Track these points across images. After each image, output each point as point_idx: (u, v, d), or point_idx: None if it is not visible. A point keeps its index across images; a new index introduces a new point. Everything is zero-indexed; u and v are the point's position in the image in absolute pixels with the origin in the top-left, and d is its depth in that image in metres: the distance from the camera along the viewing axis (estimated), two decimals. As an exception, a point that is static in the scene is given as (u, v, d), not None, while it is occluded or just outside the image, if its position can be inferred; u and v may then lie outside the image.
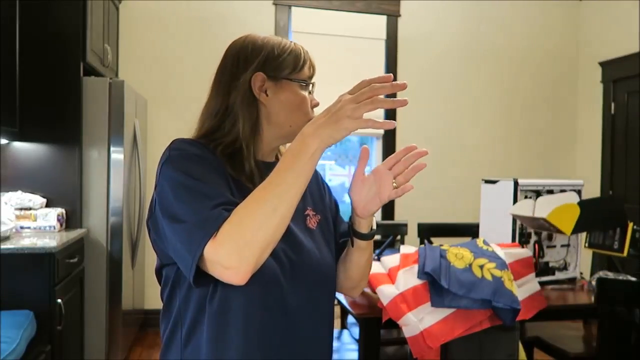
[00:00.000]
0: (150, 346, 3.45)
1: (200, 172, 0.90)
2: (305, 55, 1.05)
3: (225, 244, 0.80)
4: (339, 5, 4.10)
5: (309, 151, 0.83)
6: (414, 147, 1.00)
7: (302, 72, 1.03)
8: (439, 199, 4.30)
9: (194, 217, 0.83)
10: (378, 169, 1.02)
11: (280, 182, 0.83)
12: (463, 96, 4.42)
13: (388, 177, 1.01)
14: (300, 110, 1.02)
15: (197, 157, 0.93)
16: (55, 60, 2.80)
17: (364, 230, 1.07)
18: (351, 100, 0.84)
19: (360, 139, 4.56)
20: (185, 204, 0.86)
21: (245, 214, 0.82)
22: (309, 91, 1.05)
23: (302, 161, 0.83)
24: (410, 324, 1.57)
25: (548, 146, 4.57)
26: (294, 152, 0.84)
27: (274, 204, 0.82)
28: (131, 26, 3.80)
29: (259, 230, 0.81)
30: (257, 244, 0.81)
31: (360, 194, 1.03)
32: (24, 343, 2.07)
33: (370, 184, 1.03)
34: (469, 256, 1.62)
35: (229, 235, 0.81)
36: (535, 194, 2.20)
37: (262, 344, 0.95)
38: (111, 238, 2.91)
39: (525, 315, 1.69)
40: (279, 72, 1.02)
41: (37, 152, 2.81)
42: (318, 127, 0.84)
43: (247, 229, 0.80)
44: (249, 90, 1.01)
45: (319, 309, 1.03)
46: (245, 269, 0.81)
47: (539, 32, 4.56)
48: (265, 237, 0.81)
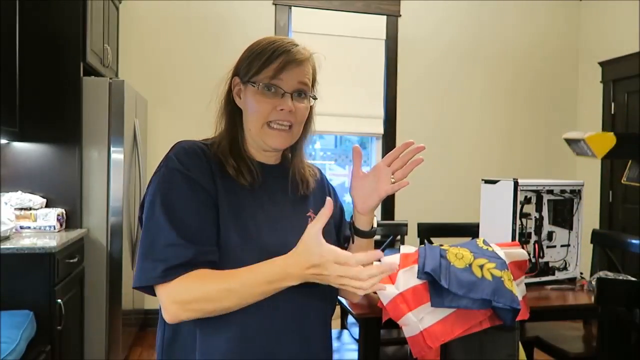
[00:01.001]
0: (150, 346, 3.44)
1: (180, 205, 0.93)
2: (275, 53, 0.99)
3: (176, 296, 0.89)
4: (339, 5, 4.10)
5: (284, 284, 0.89)
6: (411, 143, 1.02)
7: (265, 73, 0.99)
8: (439, 199, 4.30)
9: (151, 251, 0.91)
10: (377, 165, 1.04)
11: (247, 289, 0.89)
12: (463, 96, 4.42)
13: (386, 173, 1.03)
14: (256, 114, 1.00)
15: (184, 179, 0.94)
16: (55, 60, 2.80)
17: (364, 228, 1.08)
18: (338, 277, 0.86)
19: (360, 139, 4.56)
20: (147, 235, 0.92)
21: (206, 292, 0.89)
22: (280, 93, 1.00)
23: (275, 288, 0.89)
24: (410, 324, 1.57)
25: (548, 146, 4.57)
26: (272, 278, 0.88)
27: (231, 303, 0.89)
28: (131, 26, 3.80)
29: (207, 306, 0.89)
30: (199, 313, 0.91)
31: (359, 190, 1.05)
32: (24, 343, 2.07)
33: (370, 181, 1.04)
34: (469, 256, 1.61)
35: (181, 292, 0.89)
36: (535, 194, 2.20)
37: (253, 345, 0.95)
38: (111, 238, 2.91)
39: (525, 315, 1.68)
40: (245, 76, 1.02)
41: (37, 152, 2.81)
42: (305, 277, 0.87)
43: (200, 300, 0.89)
44: (229, 93, 1.05)
45: (315, 311, 1.02)
46: (178, 319, 0.91)
47: (539, 32, 4.56)
48: (208, 313, 0.91)
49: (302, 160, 1.13)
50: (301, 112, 1.03)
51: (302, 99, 1.03)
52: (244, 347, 0.94)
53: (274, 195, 1.05)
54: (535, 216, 2.20)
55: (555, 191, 2.24)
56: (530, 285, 2.05)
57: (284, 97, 1.00)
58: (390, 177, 1.02)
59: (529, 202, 2.19)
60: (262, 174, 1.04)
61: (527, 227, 2.18)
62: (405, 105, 4.28)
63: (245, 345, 0.94)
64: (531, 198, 2.19)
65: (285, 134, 1.01)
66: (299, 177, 1.10)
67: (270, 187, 1.05)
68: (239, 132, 1.05)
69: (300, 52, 1.01)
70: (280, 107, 0.99)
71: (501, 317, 1.59)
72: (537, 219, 2.20)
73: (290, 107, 0.99)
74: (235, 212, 0.96)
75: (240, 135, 1.05)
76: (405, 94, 4.30)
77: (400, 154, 1.02)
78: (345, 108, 4.10)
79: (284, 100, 0.99)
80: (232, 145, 1.03)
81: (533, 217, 2.19)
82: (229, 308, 0.90)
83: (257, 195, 1.01)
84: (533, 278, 2.15)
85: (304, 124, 1.07)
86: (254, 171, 1.02)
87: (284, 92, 1.00)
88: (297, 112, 1.01)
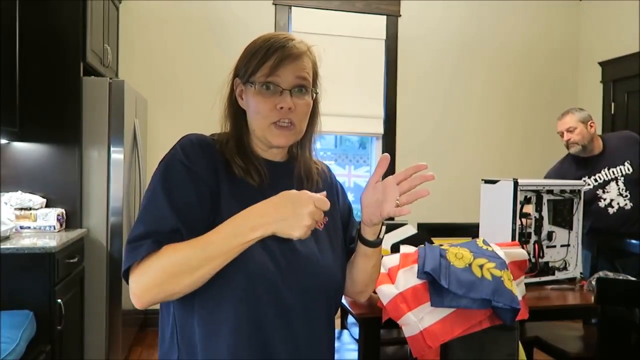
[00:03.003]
0: (150, 346, 3.44)
1: (174, 187, 0.93)
2: (270, 50, 0.98)
3: (141, 275, 0.88)
4: (339, 5, 4.10)
5: (247, 238, 0.86)
6: (424, 166, 0.99)
7: (262, 71, 0.98)
8: (439, 199, 4.29)
9: (134, 233, 0.90)
10: (387, 181, 1.02)
11: (211, 248, 0.87)
12: (463, 96, 4.42)
13: (394, 192, 1.00)
14: (258, 115, 1.00)
15: (183, 167, 0.94)
16: (55, 60, 2.79)
17: (369, 237, 1.07)
18: (312, 213, 0.85)
19: (360, 139, 4.56)
20: (140, 216, 0.93)
21: (169, 263, 0.87)
22: (278, 91, 0.98)
23: (238, 243, 0.87)
24: (410, 324, 1.57)
25: (548, 146, 4.56)
26: (235, 231, 0.87)
27: (197, 264, 0.87)
28: (131, 26, 3.80)
29: (173, 280, 0.87)
30: (166, 290, 0.88)
31: (368, 200, 1.04)
32: (24, 343, 2.07)
33: (378, 193, 1.02)
34: (469, 256, 1.61)
35: (146, 271, 0.87)
36: (535, 193, 2.20)
37: (255, 343, 0.94)
38: (111, 238, 2.91)
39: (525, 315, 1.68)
40: (244, 76, 1.02)
41: (37, 152, 2.81)
42: (268, 224, 0.86)
43: (164, 274, 0.87)
44: (232, 95, 1.05)
45: (316, 311, 1.02)
46: (146, 302, 0.89)
47: (539, 32, 4.56)
48: (175, 288, 0.88)
49: (309, 157, 1.11)
50: (302, 108, 1.01)
51: (302, 94, 1.01)
52: (245, 345, 0.94)
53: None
54: (535, 216, 2.20)
55: (555, 191, 2.24)
56: (530, 285, 2.05)
57: (283, 95, 0.98)
58: (396, 199, 1.00)
59: (528, 202, 2.19)
60: (270, 172, 1.03)
61: (527, 227, 2.18)
62: (405, 105, 4.28)
63: (247, 343, 0.94)
64: (531, 198, 2.19)
65: (287, 132, 1.00)
66: (304, 174, 1.09)
67: (277, 186, 1.03)
68: (245, 132, 1.05)
69: (295, 46, 1.00)
70: (279, 105, 0.98)
71: (501, 316, 1.58)
72: (537, 219, 2.20)
73: (290, 105, 0.97)
74: (239, 206, 0.93)
75: (245, 135, 1.05)
76: (405, 94, 4.29)
77: (410, 175, 1.00)
78: (345, 108, 4.10)
79: (282, 98, 0.98)
80: (238, 145, 1.02)
81: (533, 217, 2.19)
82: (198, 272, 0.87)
83: (264, 193, 0.99)
84: (533, 278, 2.15)
85: (308, 119, 1.05)
86: (261, 171, 1.01)
87: (282, 89, 0.98)
88: (297, 109, 0.99)
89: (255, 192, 0.99)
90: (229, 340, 0.93)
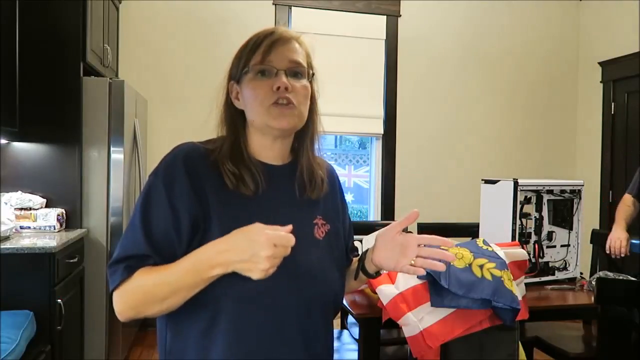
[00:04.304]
0: (150, 346, 3.44)
1: (151, 210, 0.94)
2: (259, 38, 1.00)
3: (119, 297, 0.92)
4: (339, 5, 4.10)
5: (207, 275, 0.87)
6: (450, 244, 1.02)
7: (254, 59, 0.99)
8: (439, 199, 4.30)
9: (114, 255, 0.95)
10: (411, 239, 1.03)
11: (175, 281, 0.88)
12: (463, 96, 4.42)
13: (413, 251, 1.02)
14: (255, 101, 0.98)
15: (164, 190, 0.94)
16: (55, 60, 2.79)
17: (371, 271, 1.11)
18: (270, 257, 0.82)
19: (360, 139, 4.56)
20: (122, 236, 0.98)
21: (141, 290, 0.90)
22: (273, 72, 0.98)
23: (200, 279, 0.87)
24: (410, 324, 1.57)
25: (548, 146, 4.57)
26: (195, 267, 0.87)
27: (164, 295, 0.89)
28: (131, 26, 3.80)
29: (144, 307, 0.91)
30: (142, 313, 0.92)
31: (384, 244, 1.05)
32: (24, 343, 2.07)
33: (397, 244, 1.03)
34: (469, 256, 1.61)
35: (122, 295, 0.92)
36: (535, 194, 2.20)
37: (253, 344, 0.94)
38: (111, 238, 2.91)
39: (525, 315, 1.68)
40: (237, 73, 1.02)
41: (37, 152, 2.81)
42: (227, 264, 0.85)
43: (136, 300, 0.91)
44: (227, 98, 1.04)
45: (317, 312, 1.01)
46: (127, 320, 0.94)
47: (538, 32, 4.56)
48: (149, 312, 0.92)
49: (312, 158, 1.08)
50: (299, 90, 0.99)
51: (298, 79, 1.00)
52: (244, 346, 0.93)
53: (279, 200, 1.02)
54: (535, 216, 2.20)
55: (555, 191, 2.24)
56: (530, 285, 2.05)
57: (278, 75, 0.97)
58: (413, 258, 1.01)
59: (529, 202, 2.19)
60: (268, 177, 1.00)
61: (527, 227, 2.18)
62: (405, 105, 4.28)
63: (246, 344, 0.93)
64: (531, 198, 2.19)
65: (288, 112, 0.97)
66: (307, 177, 1.06)
67: (275, 192, 1.01)
68: (241, 134, 1.02)
69: (285, 32, 1.01)
70: (275, 85, 0.96)
71: (501, 317, 1.59)
72: (537, 219, 2.20)
73: (286, 83, 0.96)
74: (233, 221, 0.91)
75: (242, 137, 1.02)
76: (405, 94, 4.29)
77: (435, 244, 1.02)
78: (345, 108, 4.10)
79: (278, 78, 0.97)
80: (233, 148, 1.00)
81: (533, 217, 2.19)
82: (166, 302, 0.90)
83: (259, 202, 0.98)
84: (533, 278, 2.15)
85: (308, 103, 1.02)
86: (256, 176, 0.98)
87: (277, 70, 0.98)
88: (295, 90, 0.98)
89: (250, 202, 0.97)
90: (228, 342, 0.93)
